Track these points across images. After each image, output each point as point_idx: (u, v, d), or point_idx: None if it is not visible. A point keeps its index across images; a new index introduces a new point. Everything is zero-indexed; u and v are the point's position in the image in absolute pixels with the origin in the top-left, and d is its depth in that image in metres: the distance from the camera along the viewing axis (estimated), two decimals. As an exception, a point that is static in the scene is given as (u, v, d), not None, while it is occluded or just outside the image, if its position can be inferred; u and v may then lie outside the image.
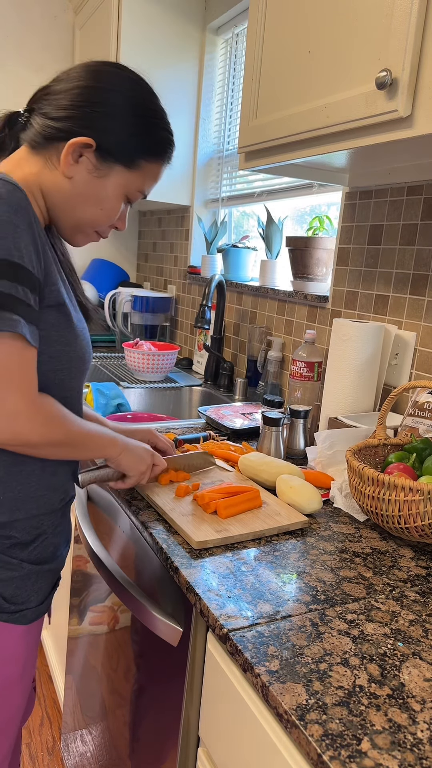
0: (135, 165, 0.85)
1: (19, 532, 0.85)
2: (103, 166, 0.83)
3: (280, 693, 0.60)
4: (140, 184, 0.87)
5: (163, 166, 0.89)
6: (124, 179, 0.85)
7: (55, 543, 0.91)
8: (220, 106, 2.28)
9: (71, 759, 1.46)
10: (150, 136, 0.85)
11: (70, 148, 0.80)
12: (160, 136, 0.86)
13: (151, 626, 0.86)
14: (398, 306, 1.35)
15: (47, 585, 0.92)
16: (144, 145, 0.84)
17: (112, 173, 0.84)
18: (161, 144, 0.87)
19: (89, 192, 0.84)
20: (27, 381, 0.75)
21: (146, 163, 0.86)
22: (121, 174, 0.84)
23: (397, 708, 0.60)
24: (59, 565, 0.94)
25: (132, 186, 0.86)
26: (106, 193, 0.84)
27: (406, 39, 0.83)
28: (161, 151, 0.87)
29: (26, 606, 0.87)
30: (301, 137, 1.08)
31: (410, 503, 0.90)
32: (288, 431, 1.34)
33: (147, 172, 0.87)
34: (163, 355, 1.97)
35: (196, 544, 0.87)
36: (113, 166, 0.83)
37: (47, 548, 0.90)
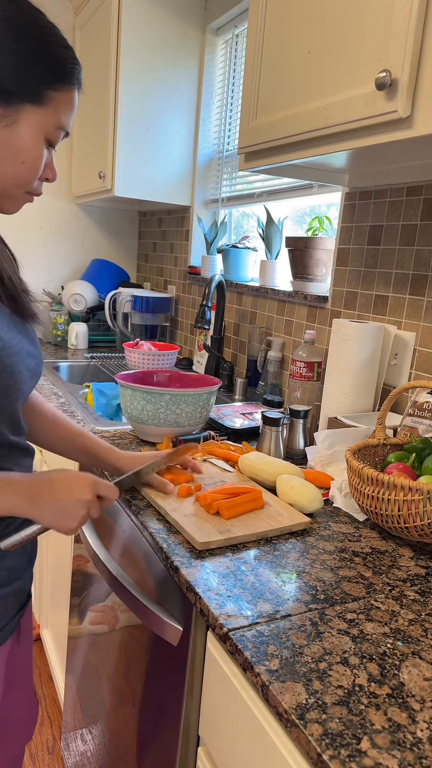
0: (44, 98, 0.72)
1: None
2: (9, 111, 0.71)
3: (279, 692, 0.60)
4: (56, 119, 0.75)
5: (74, 91, 0.77)
6: (38, 119, 0.73)
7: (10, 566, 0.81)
8: (220, 107, 2.28)
9: (71, 758, 1.46)
10: (49, 59, 0.73)
11: None
12: (61, 57, 0.74)
13: (151, 626, 0.87)
14: (398, 306, 1.35)
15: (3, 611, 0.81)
16: (46, 71, 0.72)
17: (22, 116, 0.72)
18: (62, 64, 0.74)
19: (3, 146, 0.72)
20: None
21: (55, 93, 0.73)
22: (32, 113, 0.72)
23: (396, 707, 0.60)
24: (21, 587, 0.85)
25: (48, 123, 0.74)
26: (23, 142, 0.72)
27: (406, 39, 0.83)
28: (66, 73, 0.75)
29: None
30: (300, 138, 1.08)
31: (410, 503, 0.90)
32: (288, 431, 1.34)
33: (60, 103, 0.74)
34: (163, 355, 1.97)
35: (200, 545, 0.87)
36: (21, 107, 0.71)
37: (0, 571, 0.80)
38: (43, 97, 0.73)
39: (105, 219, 2.92)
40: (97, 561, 1.07)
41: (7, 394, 0.72)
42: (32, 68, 0.71)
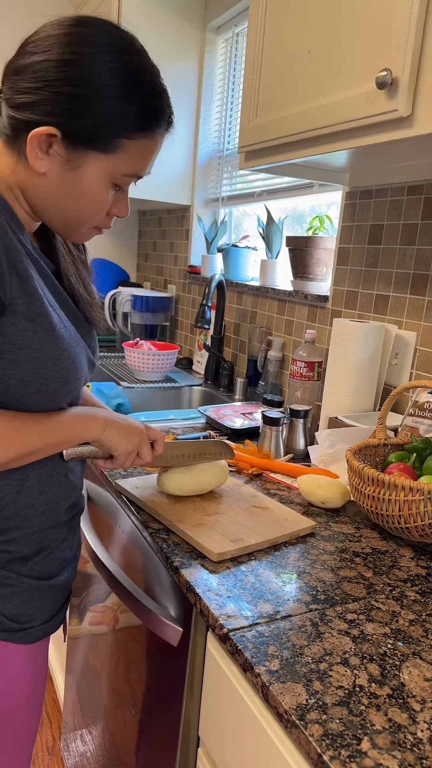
0: (113, 147, 0.71)
1: (19, 546, 0.79)
2: (74, 156, 0.70)
3: (280, 693, 0.60)
4: (127, 167, 0.73)
5: (156, 138, 0.74)
6: (103, 166, 0.72)
7: (60, 558, 0.85)
8: (220, 106, 2.28)
9: (71, 759, 1.46)
10: (132, 108, 0.70)
11: (34, 142, 0.68)
12: (145, 106, 0.71)
13: (152, 626, 0.86)
14: (398, 306, 1.35)
15: (53, 602, 0.85)
16: (124, 121, 0.70)
17: (87, 162, 0.71)
18: (145, 116, 0.71)
19: (67, 187, 0.72)
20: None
21: (129, 141, 0.71)
22: (97, 161, 0.71)
23: (397, 708, 0.60)
24: (68, 581, 0.88)
25: (116, 171, 0.73)
26: (85, 186, 0.72)
27: (407, 38, 0.83)
28: (146, 125, 0.72)
29: (30, 624, 0.81)
30: (301, 137, 1.08)
31: (410, 503, 0.90)
32: (288, 431, 1.34)
33: (133, 152, 0.73)
34: (163, 355, 1.97)
35: (216, 557, 0.85)
36: (86, 153, 0.70)
37: (51, 563, 0.83)
38: (113, 145, 0.71)
39: (105, 218, 2.91)
40: (96, 561, 1.07)
41: (68, 380, 0.77)
42: (110, 119, 0.69)
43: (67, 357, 0.76)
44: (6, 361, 0.71)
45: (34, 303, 0.71)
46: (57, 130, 0.68)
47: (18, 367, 0.71)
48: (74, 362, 0.78)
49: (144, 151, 0.74)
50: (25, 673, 0.83)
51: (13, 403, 0.74)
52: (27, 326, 0.71)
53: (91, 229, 0.79)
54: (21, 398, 0.74)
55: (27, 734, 0.88)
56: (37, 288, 0.72)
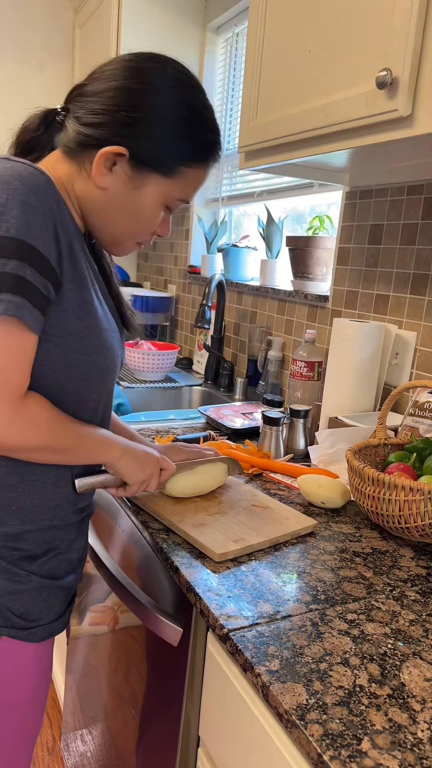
0: (174, 172, 0.78)
1: (29, 544, 0.80)
2: (138, 176, 0.76)
3: (280, 693, 0.60)
4: (180, 192, 0.80)
5: (207, 169, 0.82)
6: (162, 188, 0.78)
7: (68, 559, 0.86)
8: (220, 106, 2.28)
9: (71, 759, 1.46)
10: (191, 140, 0.77)
11: (102, 158, 0.74)
12: (202, 139, 0.78)
13: (152, 626, 0.86)
14: (399, 306, 1.35)
15: (60, 602, 0.86)
16: (184, 150, 0.77)
17: (148, 183, 0.77)
18: (203, 148, 0.79)
19: (124, 203, 0.78)
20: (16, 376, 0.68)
21: (187, 169, 0.79)
22: (158, 183, 0.78)
23: (397, 708, 0.60)
24: (73, 583, 0.89)
25: (171, 194, 0.80)
26: (143, 204, 0.78)
27: (407, 38, 0.83)
28: (204, 156, 0.80)
29: (37, 623, 0.82)
30: (301, 137, 1.08)
31: (410, 503, 0.90)
32: (288, 431, 1.34)
33: (189, 179, 0.80)
34: (163, 355, 1.97)
35: (218, 557, 0.85)
36: (149, 175, 0.77)
37: (60, 564, 0.84)
38: (174, 171, 0.78)
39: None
40: (97, 561, 1.07)
41: (107, 372, 0.81)
42: (174, 145, 0.76)
43: (109, 349, 0.80)
44: (53, 345, 0.73)
45: (84, 290, 0.75)
46: (126, 150, 0.74)
47: (64, 352, 0.74)
48: (114, 354, 0.82)
49: (197, 179, 0.82)
50: (30, 672, 0.84)
51: (55, 387, 0.76)
52: (77, 313, 0.74)
53: (134, 245, 0.85)
54: (63, 382, 0.76)
55: (28, 733, 0.88)
56: (87, 276, 0.76)
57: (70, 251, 0.73)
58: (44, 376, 0.74)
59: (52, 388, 0.76)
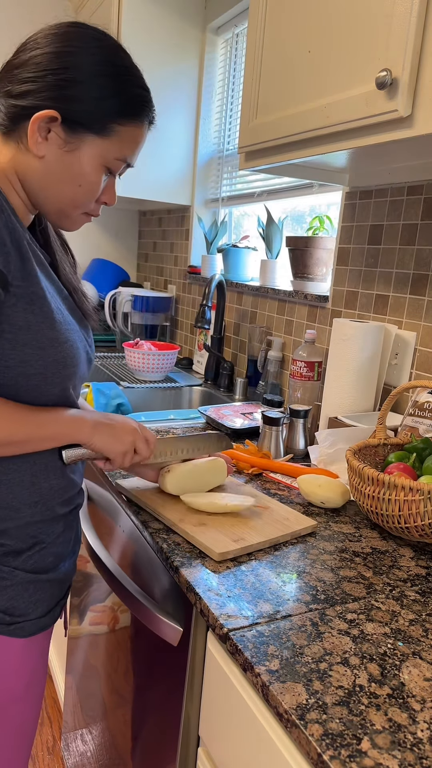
0: (108, 131, 0.77)
1: (12, 540, 0.80)
2: (72, 139, 0.76)
3: (280, 692, 0.60)
4: (118, 151, 0.80)
5: (142, 127, 0.81)
6: (98, 148, 0.78)
7: (55, 552, 0.86)
8: (220, 106, 2.28)
9: (71, 758, 1.46)
10: (120, 96, 0.77)
11: (35, 125, 0.74)
12: (132, 95, 0.78)
13: (152, 626, 0.86)
14: (398, 306, 1.35)
15: (50, 596, 0.86)
16: (115, 107, 0.77)
17: (84, 144, 0.77)
18: (134, 102, 0.79)
19: (64, 169, 0.77)
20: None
21: (121, 127, 0.78)
22: (93, 143, 0.77)
23: (397, 708, 0.60)
24: (65, 576, 0.89)
25: (109, 154, 0.79)
26: (81, 168, 0.78)
27: (407, 39, 0.83)
28: (136, 111, 0.79)
29: (24, 618, 0.82)
30: (301, 137, 1.08)
31: (410, 503, 0.90)
32: (288, 431, 1.34)
33: (124, 137, 0.79)
34: (163, 355, 1.97)
35: (218, 557, 0.85)
36: (83, 136, 0.76)
37: (45, 558, 0.84)
38: (107, 129, 0.77)
39: (105, 218, 2.92)
40: (97, 561, 1.07)
41: (66, 365, 0.79)
42: (102, 103, 0.76)
43: (64, 341, 0.79)
44: (5, 341, 0.73)
45: (34, 286, 0.75)
46: (57, 113, 0.74)
47: (17, 347, 0.74)
48: (72, 348, 0.80)
49: (132, 138, 0.81)
50: (20, 668, 0.83)
51: (11, 384, 0.76)
52: (27, 308, 0.74)
53: (82, 216, 0.84)
54: (19, 379, 0.76)
55: (25, 729, 0.88)
56: (36, 271, 0.76)
57: (18, 249, 0.73)
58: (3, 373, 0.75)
59: (8, 386, 0.76)
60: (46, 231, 0.89)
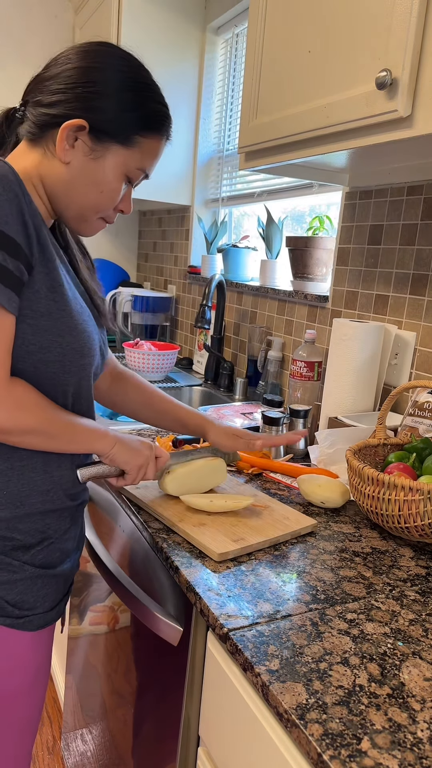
0: (131, 141, 0.82)
1: (22, 534, 0.82)
2: (98, 147, 0.81)
3: (280, 692, 0.60)
4: (139, 162, 0.85)
5: (161, 141, 0.87)
6: (121, 158, 0.83)
7: (62, 548, 0.87)
8: (220, 106, 2.28)
9: (71, 758, 1.46)
10: (143, 110, 0.82)
11: (64, 132, 0.78)
12: (154, 110, 0.84)
13: (152, 626, 0.86)
14: (398, 306, 1.35)
15: (56, 591, 0.87)
16: (138, 119, 0.82)
17: (109, 153, 0.82)
18: (156, 117, 0.84)
19: (87, 175, 0.82)
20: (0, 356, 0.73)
21: (143, 139, 0.83)
22: (117, 153, 0.82)
23: (397, 707, 0.60)
24: (70, 572, 0.90)
25: (131, 164, 0.84)
26: (104, 175, 0.82)
27: (406, 39, 0.83)
28: (157, 125, 0.84)
29: (32, 612, 0.84)
30: (301, 137, 1.08)
31: (410, 503, 0.90)
32: (288, 431, 1.34)
33: (145, 148, 0.84)
34: (163, 355, 1.97)
35: (218, 557, 0.85)
36: (109, 145, 0.81)
37: (53, 553, 0.86)
38: (131, 140, 0.82)
39: (105, 218, 2.91)
40: (97, 561, 1.07)
41: (83, 354, 0.82)
42: (128, 115, 0.81)
43: (82, 331, 0.82)
44: (26, 326, 0.76)
45: (53, 273, 0.78)
46: (86, 122, 0.79)
47: (37, 333, 0.76)
48: (89, 337, 0.84)
49: (152, 150, 0.86)
50: (28, 661, 0.85)
51: (31, 370, 0.78)
52: (48, 295, 0.77)
53: (99, 221, 0.88)
54: (39, 365, 0.78)
55: (29, 722, 0.89)
56: (56, 260, 0.79)
57: (38, 236, 0.76)
58: (20, 358, 0.77)
59: (28, 372, 0.78)
60: (66, 236, 0.92)
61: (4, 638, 0.82)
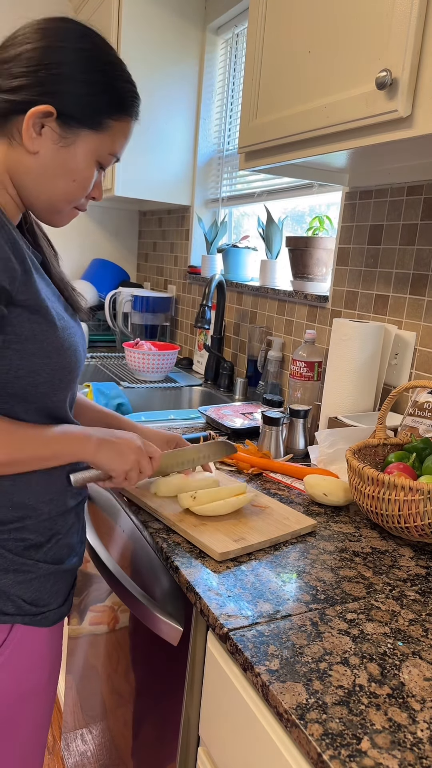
0: (102, 126, 0.78)
1: (33, 534, 0.82)
2: (68, 134, 0.76)
3: (280, 692, 0.60)
4: (110, 146, 0.80)
5: (131, 122, 0.82)
6: (93, 144, 0.78)
7: (69, 543, 0.89)
8: (220, 106, 2.28)
9: (72, 758, 1.46)
10: (112, 91, 0.78)
11: (30, 120, 0.73)
12: (123, 90, 0.79)
13: (152, 626, 0.86)
14: (398, 306, 1.35)
15: (66, 585, 0.89)
16: (108, 102, 0.77)
17: (79, 139, 0.77)
18: (124, 97, 0.79)
19: (58, 165, 0.77)
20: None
21: (113, 122, 0.79)
22: (88, 138, 0.78)
23: (397, 707, 0.60)
24: (76, 564, 0.92)
25: (102, 149, 0.80)
26: (76, 163, 0.78)
27: (406, 39, 0.83)
28: (126, 105, 0.80)
29: (48, 608, 0.85)
30: (301, 137, 1.08)
31: (410, 503, 0.90)
32: (288, 431, 1.34)
33: (116, 132, 0.80)
34: (163, 355, 1.97)
35: (219, 556, 0.85)
36: (79, 131, 0.76)
37: (62, 548, 0.87)
38: (101, 124, 0.78)
39: (105, 219, 2.92)
40: (97, 561, 1.07)
41: (71, 370, 0.81)
42: (97, 98, 0.77)
43: (68, 347, 0.80)
44: (13, 352, 0.74)
45: (35, 296, 0.76)
46: (53, 108, 0.74)
47: (25, 357, 0.75)
48: (75, 351, 0.82)
49: (123, 132, 0.82)
50: (45, 656, 0.86)
51: (20, 393, 0.77)
52: (31, 318, 0.75)
53: (72, 210, 0.84)
54: (29, 388, 0.77)
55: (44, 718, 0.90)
56: (36, 282, 0.77)
57: (22, 265, 0.73)
58: (9, 384, 0.76)
59: (17, 395, 0.77)
60: (33, 228, 0.89)
61: (24, 637, 0.83)
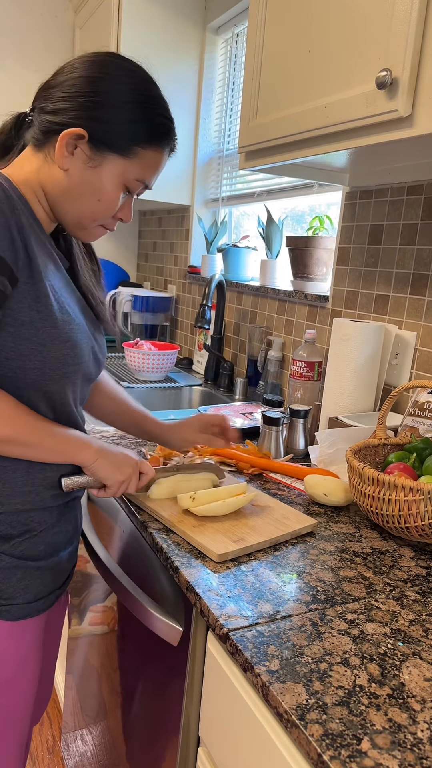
0: (130, 152, 0.83)
1: (2, 525, 0.83)
2: (96, 156, 0.82)
3: (280, 693, 0.60)
4: (138, 173, 0.85)
5: (163, 153, 0.87)
6: (119, 168, 0.83)
7: (48, 542, 0.88)
8: (220, 106, 2.28)
9: (71, 758, 1.46)
10: (145, 122, 0.83)
11: (63, 140, 0.80)
12: (156, 122, 0.84)
13: (151, 626, 0.86)
14: (398, 306, 1.35)
15: (41, 583, 0.88)
16: (139, 131, 0.82)
17: (107, 162, 0.82)
18: (158, 130, 0.84)
19: (85, 183, 0.83)
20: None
21: (143, 150, 0.83)
22: (115, 162, 0.83)
23: (397, 708, 0.60)
24: (60, 566, 0.91)
25: (129, 174, 0.84)
26: (101, 184, 0.83)
27: (407, 39, 0.83)
28: (158, 138, 0.85)
29: (11, 602, 0.84)
30: (301, 137, 1.08)
31: (410, 503, 0.90)
32: (288, 431, 1.34)
33: (144, 160, 0.84)
34: (163, 355, 1.97)
35: (218, 557, 0.85)
36: (107, 154, 0.82)
37: (36, 545, 0.86)
38: (130, 151, 0.83)
39: (105, 218, 2.91)
40: (97, 561, 1.07)
41: (66, 363, 0.82)
42: (128, 127, 0.82)
43: (66, 340, 0.82)
44: (7, 334, 0.77)
45: (39, 284, 0.79)
46: (85, 131, 0.80)
47: (17, 341, 0.77)
48: (74, 347, 0.83)
49: (153, 162, 0.86)
50: (8, 651, 0.86)
51: (10, 376, 0.79)
52: (32, 305, 0.78)
53: (99, 228, 0.89)
54: (18, 371, 0.79)
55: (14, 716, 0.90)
56: (42, 272, 0.79)
57: (26, 248, 0.77)
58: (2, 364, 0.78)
59: (7, 377, 0.79)
60: (69, 239, 0.93)
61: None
